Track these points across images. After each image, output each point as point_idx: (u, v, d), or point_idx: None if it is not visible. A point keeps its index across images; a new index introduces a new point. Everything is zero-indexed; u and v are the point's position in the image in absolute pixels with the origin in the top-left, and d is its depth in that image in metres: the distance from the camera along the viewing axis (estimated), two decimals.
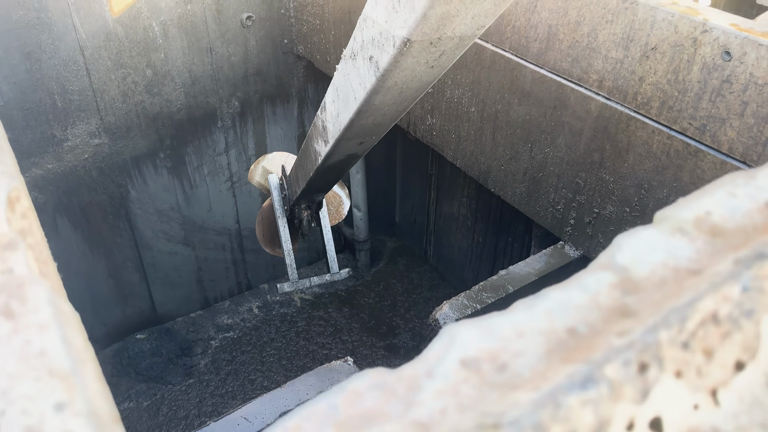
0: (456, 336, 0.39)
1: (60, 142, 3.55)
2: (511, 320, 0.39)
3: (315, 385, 2.13)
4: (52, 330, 0.42)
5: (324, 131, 1.87)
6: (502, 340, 0.38)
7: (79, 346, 0.44)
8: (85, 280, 4.05)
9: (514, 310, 0.40)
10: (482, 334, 0.38)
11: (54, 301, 0.44)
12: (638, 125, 2.31)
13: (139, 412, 4.03)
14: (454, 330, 0.40)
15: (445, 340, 0.39)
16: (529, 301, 0.41)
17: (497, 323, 0.39)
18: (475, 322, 0.40)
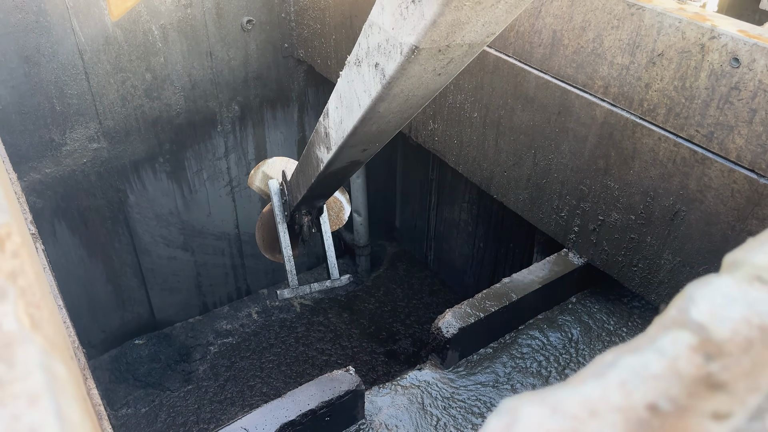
0: (519, 414, 0.34)
1: (58, 146, 3.52)
2: (580, 394, 0.34)
3: (316, 394, 2.09)
4: (44, 402, 0.36)
5: (326, 138, 1.84)
6: (574, 420, 0.33)
7: (76, 420, 0.37)
8: (83, 286, 4.01)
9: (583, 380, 0.35)
10: (550, 413, 0.34)
11: (46, 363, 0.38)
12: (644, 132, 2.28)
13: (137, 418, 3.99)
14: (515, 406, 0.35)
15: (505, 419, 0.34)
16: (598, 369, 0.36)
17: (565, 399, 0.34)
18: (539, 397, 0.35)
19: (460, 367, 2.54)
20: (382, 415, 2.32)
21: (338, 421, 2.18)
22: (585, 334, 2.69)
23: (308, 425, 2.06)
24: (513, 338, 2.67)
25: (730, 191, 2.07)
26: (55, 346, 0.39)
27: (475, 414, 2.37)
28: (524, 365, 2.56)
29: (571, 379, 0.36)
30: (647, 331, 0.38)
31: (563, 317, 2.77)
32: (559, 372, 2.53)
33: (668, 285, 2.42)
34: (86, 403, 0.47)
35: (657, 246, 2.40)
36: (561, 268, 2.71)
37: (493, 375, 2.52)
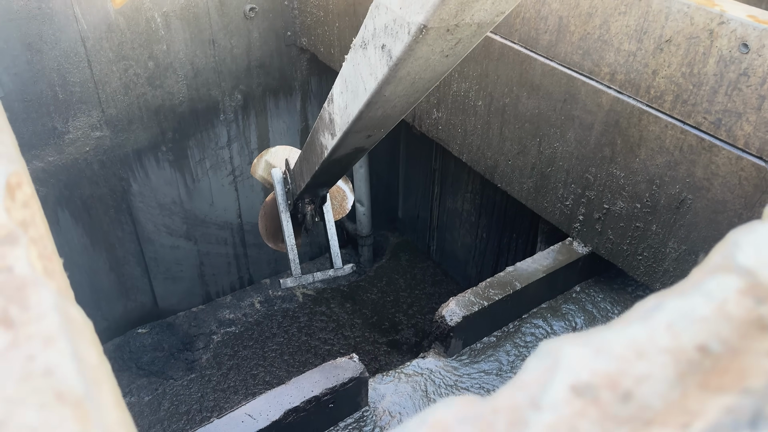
0: (561, 355, 0.32)
1: (61, 134, 3.51)
2: (625, 336, 0.33)
3: (320, 381, 2.09)
4: (59, 343, 0.35)
5: (331, 124, 1.82)
6: (620, 360, 0.31)
7: (93, 362, 0.36)
8: (86, 274, 4.01)
9: (628, 322, 0.34)
10: (593, 354, 0.32)
11: (61, 306, 0.37)
12: (651, 119, 2.26)
13: (140, 406, 4.00)
14: (556, 347, 0.33)
15: (546, 361, 0.32)
16: (642, 312, 0.34)
17: (609, 339, 0.33)
18: (581, 339, 0.33)
19: (464, 356, 2.53)
20: (386, 402, 2.32)
21: (342, 407, 2.18)
22: (589, 323, 2.69)
23: (312, 411, 2.06)
24: (517, 327, 2.67)
25: (737, 179, 2.06)
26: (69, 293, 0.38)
27: None
28: (528, 354, 2.56)
29: (611, 323, 0.35)
30: (689, 277, 0.36)
31: (567, 306, 2.76)
32: None
33: (673, 274, 2.41)
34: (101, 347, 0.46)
35: (662, 235, 2.38)
36: (565, 257, 2.70)
37: (497, 363, 2.52)
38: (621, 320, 0.34)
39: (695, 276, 0.36)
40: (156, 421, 3.92)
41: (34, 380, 0.32)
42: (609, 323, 0.35)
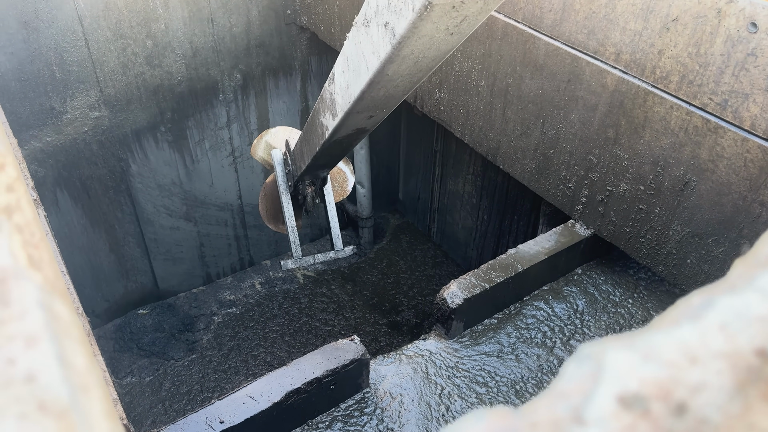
0: (605, 361, 0.29)
1: (59, 114, 3.48)
2: (675, 338, 0.29)
3: (321, 363, 2.09)
4: (43, 344, 0.31)
5: (332, 104, 1.80)
6: (671, 367, 0.28)
7: (81, 366, 0.33)
8: (86, 255, 4.00)
9: (675, 322, 0.30)
10: (642, 359, 0.28)
11: (46, 302, 0.33)
12: (656, 100, 2.23)
13: (141, 387, 4.02)
14: (599, 351, 0.30)
15: (588, 367, 0.29)
16: (691, 311, 0.31)
17: (657, 343, 0.29)
18: (625, 342, 0.30)
19: (465, 338, 2.53)
20: (387, 383, 2.33)
21: (343, 389, 2.19)
22: (590, 306, 2.68)
23: (313, 393, 2.07)
24: (518, 309, 2.66)
25: (742, 161, 2.03)
26: (57, 289, 0.35)
27: (479, 383, 2.37)
28: (529, 336, 2.56)
29: (656, 322, 0.32)
30: (733, 272, 0.34)
31: (569, 288, 2.76)
32: (563, 342, 2.53)
33: (676, 256, 2.39)
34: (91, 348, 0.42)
35: (666, 217, 2.37)
36: (567, 240, 2.69)
37: (498, 345, 2.52)
38: (666, 320, 0.31)
39: (742, 269, 0.33)
40: (157, 401, 3.95)
41: (14, 387, 0.29)
42: (651, 324, 0.32)
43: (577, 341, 2.53)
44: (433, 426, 2.21)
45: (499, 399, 2.32)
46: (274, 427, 2.07)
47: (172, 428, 1.86)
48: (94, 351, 1.17)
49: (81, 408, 0.29)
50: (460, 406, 2.29)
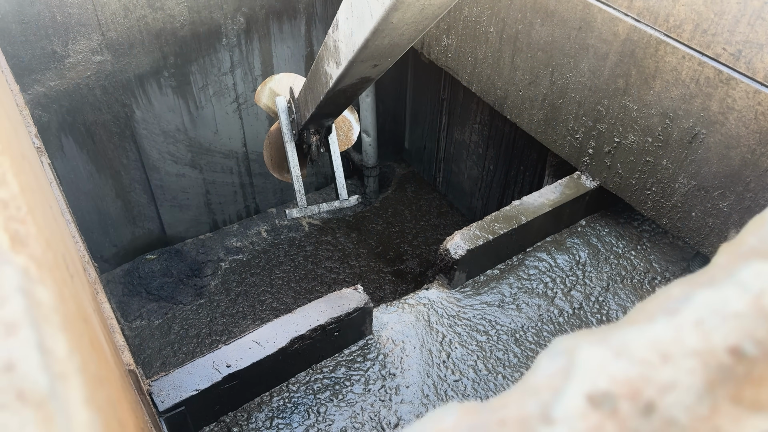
0: (577, 356, 0.28)
1: (61, 58, 3.43)
2: (649, 335, 0.28)
3: (325, 311, 2.13)
4: (23, 331, 0.30)
5: (336, 52, 1.76)
6: (642, 365, 0.27)
7: (61, 354, 0.31)
8: (93, 201, 4.03)
9: (650, 318, 0.29)
10: (613, 356, 0.28)
11: (27, 288, 0.32)
12: (668, 50, 2.18)
13: (150, 330, 4.13)
14: (571, 346, 0.29)
15: (560, 361, 0.28)
16: (668, 306, 0.29)
17: (631, 339, 0.28)
18: (600, 336, 0.29)
19: (467, 288, 2.57)
20: (389, 331, 2.38)
21: (347, 336, 2.24)
22: (593, 257, 2.70)
23: (318, 339, 2.12)
24: (520, 260, 2.68)
25: (753, 113, 2.00)
26: (44, 266, 0.33)
27: (479, 332, 2.42)
28: (530, 286, 2.59)
29: (633, 315, 0.31)
30: (717, 260, 0.33)
31: (572, 240, 2.77)
32: (564, 293, 2.56)
33: (681, 209, 2.39)
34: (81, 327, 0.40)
35: (672, 169, 2.35)
36: (573, 191, 2.68)
37: (499, 295, 2.55)
38: (643, 313, 0.30)
39: (726, 259, 0.32)
40: (166, 344, 4.05)
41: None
42: (629, 317, 0.32)
43: (579, 292, 2.56)
44: (434, 372, 2.27)
45: (499, 347, 2.37)
46: (280, 371, 2.13)
47: (180, 371, 1.92)
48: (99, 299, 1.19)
49: (60, 397, 0.29)
50: (460, 353, 2.34)
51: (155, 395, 1.84)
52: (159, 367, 3.93)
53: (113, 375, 0.57)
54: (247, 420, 2.10)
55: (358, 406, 2.15)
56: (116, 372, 0.71)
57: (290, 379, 2.19)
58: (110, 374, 0.49)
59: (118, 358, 1.10)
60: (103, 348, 0.60)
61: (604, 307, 2.52)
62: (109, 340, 0.97)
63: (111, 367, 0.60)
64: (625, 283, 2.60)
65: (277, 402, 2.15)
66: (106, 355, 0.61)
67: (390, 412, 2.15)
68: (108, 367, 0.55)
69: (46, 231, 0.38)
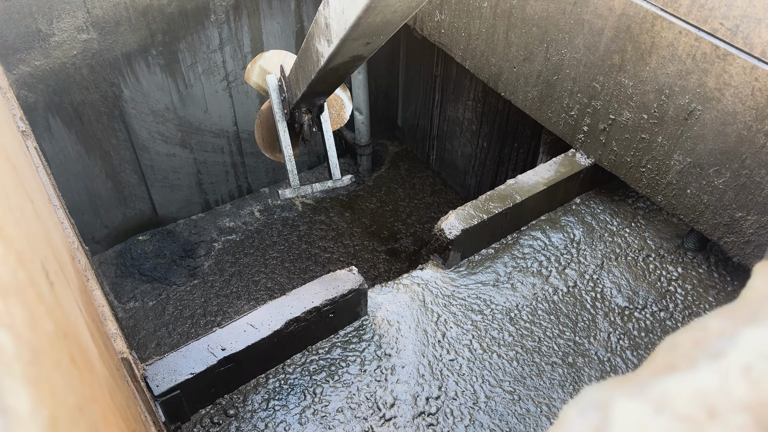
0: (611, 412, 0.24)
1: (46, 36, 3.35)
2: (692, 385, 0.25)
3: (320, 293, 2.12)
4: None
5: (327, 29, 1.72)
6: (687, 422, 0.24)
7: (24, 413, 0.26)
8: (83, 182, 3.98)
9: (692, 362, 0.25)
10: (654, 412, 0.24)
11: None
12: (664, 25, 2.15)
13: (144, 311, 4.12)
14: (604, 399, 0.25)
15: (594, 419, 0.24)
16: (710, 344, 0.25)
17: (672, 390, 0.24)
18: (635, 387, 0.25)
19: (462, 267, 2.56)
20: (384, 311, 2.37)
21: (342, 317, 2.23)
22: (587, 235, 2.70)
23: (312, 321, 2.11)
24: (515, 239, 2.68)
25: (750, 89, 1.98)
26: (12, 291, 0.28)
27: (474, 311, 2.42)
28: (525, 265, 2.59)
29: (667, 356, 0.27)
30: (755, 283, 0.29)
31: (566, 218, 2.76)
32: (559, 272, 2.56)
33: (676, 187, 2.38)
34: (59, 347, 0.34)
35: (668, 146, 2.33)
36: (567, 169, 2.67)
37: (494, 274, 2.55)
38: (681, 356, 0.26)
39: (766, 286, 0.28)
40: (161, 325, 4.05)
41: None
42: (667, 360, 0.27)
43: (573, 270, 2.56)
44: (429, 351, 2.28)
45: (494, 326, 2.37)
46: (275, 353, 2.12)
47: (174, 355, 1.91)
48: (90, 286, 1.17)
49: None
50: (455, 333, 2.34)
51: (150, 379, 1.83)
52: (154, 348, 3.93)
53: (99, 384, 0.54)
54: (243, 402, 2.10)
55: (354, 387, 2.16)
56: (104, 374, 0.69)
57: (286, 361, 2.19)
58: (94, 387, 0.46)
59: (110, 350, 1.08)
60: (88, 357, 0.56)
61: (599, 285, 2.52)
62: (99, 333, 0.95)
63: (96, 375, 0.57)
64: (620, 261, 2.60)
65: (273, 384, 2.15)
66: (92, 363, 0.57)
67: (386, 392, 2.15)
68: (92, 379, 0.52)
69: (20, 241, 0.33)
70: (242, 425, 2.04)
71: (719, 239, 2.33)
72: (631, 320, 2.42)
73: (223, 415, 2.06)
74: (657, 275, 2.55)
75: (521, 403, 2.18)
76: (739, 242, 2.26)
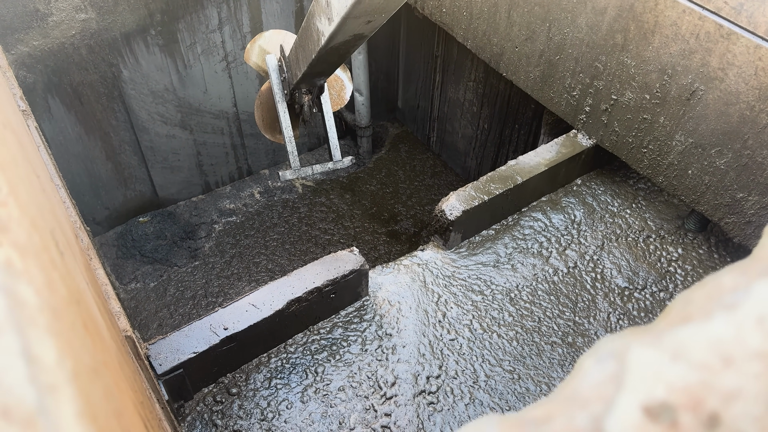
0: (628, 360, 0.25)
1: (44, 16, 3.32)
2: (707, 334, 0.25)
3: (321, 273, 2.13)
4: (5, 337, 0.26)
5: (328, 7, 1.71)
6: (703, 370, 0.24)
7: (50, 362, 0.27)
8: (83, 163, 3.98)
9: (708, 313, 0.26)
10: (670, 360, 0.24)
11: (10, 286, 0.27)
12: (668, 4, 2.13)
13: (146, 292, 4.13)
14: (621, 348, 0.25)
15: (610, 367, 0.25)
16: (725, 297, 0.26)
17: (688, 340, 0.25)
18: (653, 336, 0.25)
19: (462, 248, 2.57)
20: (385, 292, 2.39)
21: (343, 297, 2.24)
22: (588, 216, 2.70)
23: (314, 301, 2.12)
24: (516, 220, 2.68)
25: (753, 69, 1.97)
26: (29, 252, 0.30)
27: (475, 291, 2.43)
28: (525, 246, 2.59)
29: (681, 307, 0.28)
30: (766, 244, 0.29)
31: (567, 199, 2.76)
32: (560, 252, 2.56)
33: (677, 167, 2.38)
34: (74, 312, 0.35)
35: (670, 127, 2.33)
36: (569, 150, 2.66)
37: (495, 255, 2.56)
38: (696, 307, 0.26)
39: None
40: (162, 306, 4.07)
41: None
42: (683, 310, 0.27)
43: (573, 251, 2.57)
44: (429, 331, 2.29)
45: (494, 306, 2.39)
46: (277, 333, 2.14)
47: (177, 334, 1.92)
48: (93, 265, 1.17)
49: (49, 412, 0.25)
50: (456, 313, 2.36)
51: (153, 359, 1.85)
52: (156, 329, 3.95)
53: (109, 352, 0.55)
54: (245, 381, 2.12)
55: (355, 366, 2.18)
56: (113, 345, 0.70)
57: (287, 341, 2.21)
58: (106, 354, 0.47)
59: (115, 326, 1.09)
60: (98, 326, 0.57)
61: (599, 266, 2.53)
62: (104, 309, 0.96)
63: (106, 344, 0.58)
64: (620, 242, 2.61)
65: (275, 363, 2.16)
66: (101, 332, 0.58)
67: (387, 371, 2.17)
68: (104, 347, 0.52)
69: (32, 208, 0.34)
70: (245, 403, 2.06)
71: (720, 220, 2.33)
72: (631, 300, 2.43)
73: (226, 394, 2.08)
74: (657, 256, 2.56)
75: (521, 382, 2.20)
76: (740, 223, 2.26)
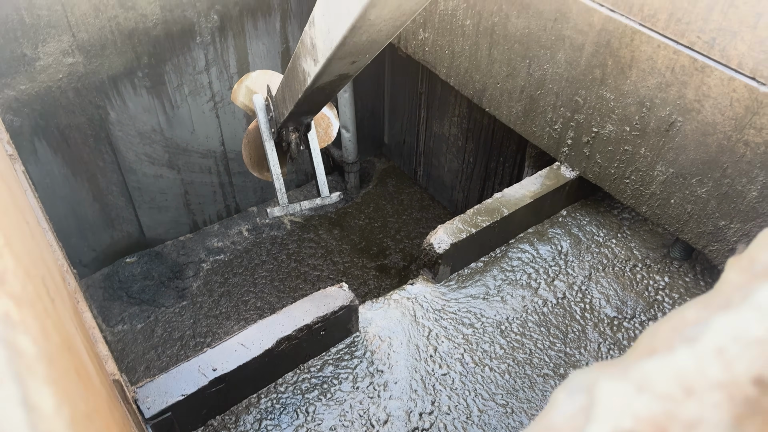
0: (597, 393, 0.26)
1: (31, 61, 3.35)
2: (670, 367, 0.26)
3: (311, 310, 2.12)
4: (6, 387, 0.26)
5: (313, 49, 1.74)
6: (666, 400, 0.25)
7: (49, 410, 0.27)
8: (70, 205, 3.96)
9: (670, 346, 0.27)
10: (635, 391, 0.26)
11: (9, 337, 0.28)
12: (643, 39, 2.20)
13: (133, 334, 4.07)
14: (591, 382, 0.27)
15: (580, 400, 0.26)
16: (686, 330, 0.28)
17: (652, 372, 0.26)
18: (619, 370, 0.27)
19: (452, 281, 2.57)
20: (376, 327, 2.37)
21: (333, 334, 2.23)
22: (575, 246, 2.72)
23: (304, 339, 2.10)
24: (503, 252, 2.70)
25: (728, 100, 2.03)
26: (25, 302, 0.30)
27: (465, 324, 2.43)
28: (514, 277, 2.60)
29: (648, 341, 0.30)
30: (728, 277, 0.31)
31: (553, 230, 2.79)
32: (548, 283, 2.58)
33: (660, 197, 2.42)
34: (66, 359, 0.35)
35: (651, 158, 2.38)
36: (553, 182, 2.70)
37: (484, 288, 2.56)
38: (661, 340, 0.28)
39: (739, 277, 0.30)
40: (150, 348, 4.01)
41: None
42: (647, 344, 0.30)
43: (562, 282, 2.59)
44: (421, 366, 2.28)
45: (485, 339, 2.38)
46: (267, 373, 2.11)
47: (165, 377, 1.90)
48: (80, 308, 1.17)
49: None
50: (447, 347, 2.35)
51: (141, 402, 1.82)
52: (143, 372, 3.88)
53: (100, 398, 0.55)
54: (235, 423, 2.08)
55: (346, 404, 2.15)
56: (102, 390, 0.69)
57: (278, 380, 2.18)
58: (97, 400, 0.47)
59: (103, 370, 1.08)
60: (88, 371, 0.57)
61: (587, 296, 2.54)
62: (93, 353, 0.95)
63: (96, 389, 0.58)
64: (607, 272, 2.63)
65: (265, 403, 2.13)
66: (92, 378, 0.58)
67: (379, 409, 2.15)
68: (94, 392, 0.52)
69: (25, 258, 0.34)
70: None
71: (704, 248, 2.36)
72: (621, 330, 2.43)
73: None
74: (644, 285, 2.58)
75: (514, 415, 2.18)
76: (724, 250, 2.30)
